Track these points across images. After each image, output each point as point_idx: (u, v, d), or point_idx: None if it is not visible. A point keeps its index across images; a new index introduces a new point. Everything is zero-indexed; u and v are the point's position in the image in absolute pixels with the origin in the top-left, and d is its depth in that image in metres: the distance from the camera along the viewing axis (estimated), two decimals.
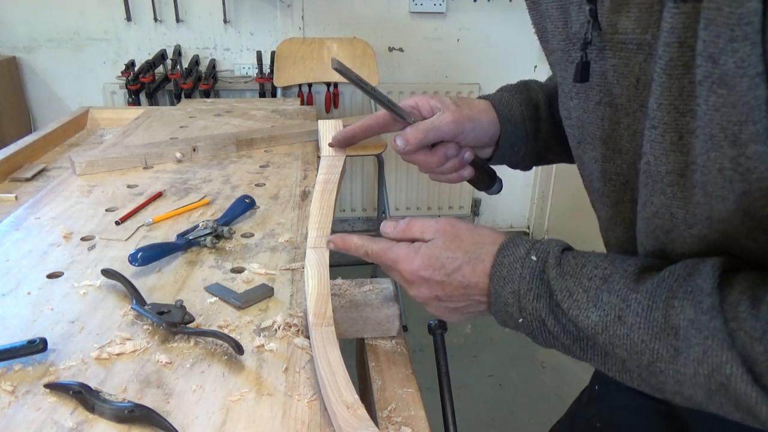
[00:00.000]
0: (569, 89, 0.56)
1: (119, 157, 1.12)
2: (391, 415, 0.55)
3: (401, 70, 2.66)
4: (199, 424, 0.51)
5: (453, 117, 0.66)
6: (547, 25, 0.58)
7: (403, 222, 0.59)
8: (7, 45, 2.46)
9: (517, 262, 0.50)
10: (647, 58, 0.44)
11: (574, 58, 0.53)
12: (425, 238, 0.56)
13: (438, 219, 0.57)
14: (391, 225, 0.60)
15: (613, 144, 0.52)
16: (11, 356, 0.58)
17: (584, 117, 0.54)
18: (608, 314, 0.44)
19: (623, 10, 0.45)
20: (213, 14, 2.49)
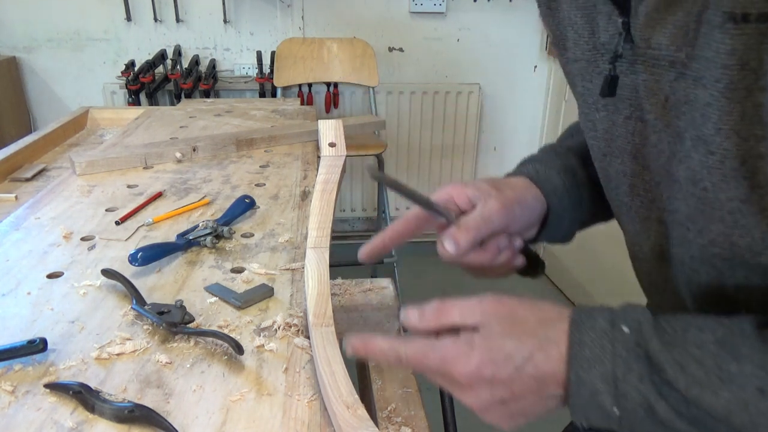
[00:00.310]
0: (594, 101, 0.54)
1: (119, 157, 1.12)
2: (391, 415, 0.55)
3: (401, 70, 2.66)
4: (199, 424, 0.51)
5: (500, 204, 0.56)
6: (568, 33, 0.56)
7: (431, 308, 0.47)
8: (7, 45, 2.46)
9: (604, 337, 0.41)
10: (678, 77, 0.43)
11: (601, 69, 0.51)
12: (469, 323, 0.45)
13: (480, 297, 0.46)
14: (416, 314, 0.47)
15: (643, 159, 0.50)
16: (11, 356, 0.58)
17: (613, 130, 0.53)
18: (744, 388, 0.36)
19: (658, 26, 0.43)
20: (213, 14, 2.49)
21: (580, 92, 0.57)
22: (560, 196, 0.62)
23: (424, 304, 0.47)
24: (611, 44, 0.49)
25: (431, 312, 0.46)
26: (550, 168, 0.63)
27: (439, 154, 2.78)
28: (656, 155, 0.48)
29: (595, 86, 0.53)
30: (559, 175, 0.62)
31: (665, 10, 0.42)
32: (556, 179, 0.62)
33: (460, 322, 0.45)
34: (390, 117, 2.66)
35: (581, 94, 0.57)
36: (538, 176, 0.62)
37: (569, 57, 0.57)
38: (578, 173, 0.65)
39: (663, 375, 0.39)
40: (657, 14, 0.43)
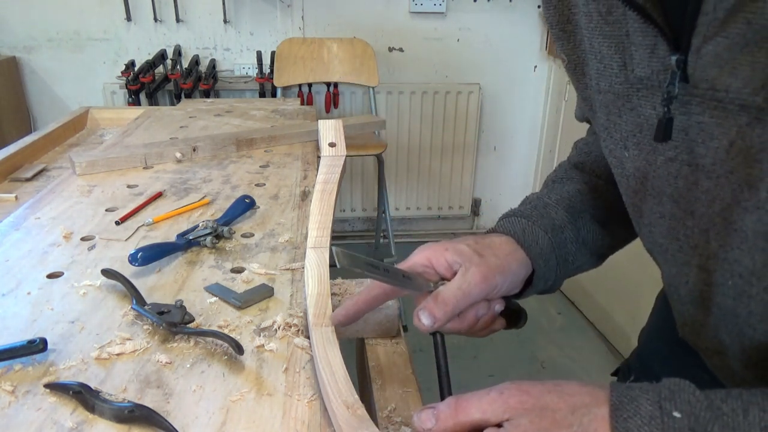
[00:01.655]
0: (624, 136, 0.50)
1: (119, 157, 1.12)
2: (391, 415, 0.55)
3: (401, 70, 2.66)
4: (199, 424, 0.51)
5: (481, 275, 0.53)
6: (590, 61, 0.52)
7: (446, 406, 0.42)
8: (7, 45, 2.46)
9: (652, 423, 0.37)
10: (752, 122, 0.39)
11: (635, 105, 0.48)
12: (492, 420, 0.41)
13: (500, 388, 0.42)
14: (430, 416, 0.43)
15: (687, 205, 0.47)
16: (11, 356, 0.58)
17: (648, 170, 0.49)
18: None
19: (727, 66, 0.40)
20: (213, 14, 2.49)
21: (603, 125, 0.53)
22: (546, 257, 0.60)
23: (438, 405, 0.43)
24: (654, 80, 0.45)
25: (447, 412, 0.42)
26: (537, 226, 0.61)
27: (439, 153, 2.78)
28: (708, 202, 0.45)
29: (625, 122, 0.50)
30: (546, 234, 0.60)
31: (741, 51, 0.39)
32: (543, 240, 0.60)
33: (481, 420, 0.41)
34: (390, 117, 2.66)
35: (605, 127, 0.53)
36: (525, 237, 0.59)
37: (588, 84, 0.54)
38: (566, 229, 0.62)
39: None
40: (729, 54, 0.39)
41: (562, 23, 0.56)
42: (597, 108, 0.54)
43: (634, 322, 2.00)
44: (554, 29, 0.57)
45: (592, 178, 0.68)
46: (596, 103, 0.54)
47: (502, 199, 2.97)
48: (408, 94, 2.65)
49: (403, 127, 2.71)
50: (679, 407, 0.37)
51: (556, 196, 0.65)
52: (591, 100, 0.56)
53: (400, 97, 2.65)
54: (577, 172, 0.69)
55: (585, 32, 0.52)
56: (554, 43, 0.59)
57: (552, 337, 2.26)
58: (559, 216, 0.62)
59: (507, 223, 0.61)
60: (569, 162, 0.72)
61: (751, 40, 0.38)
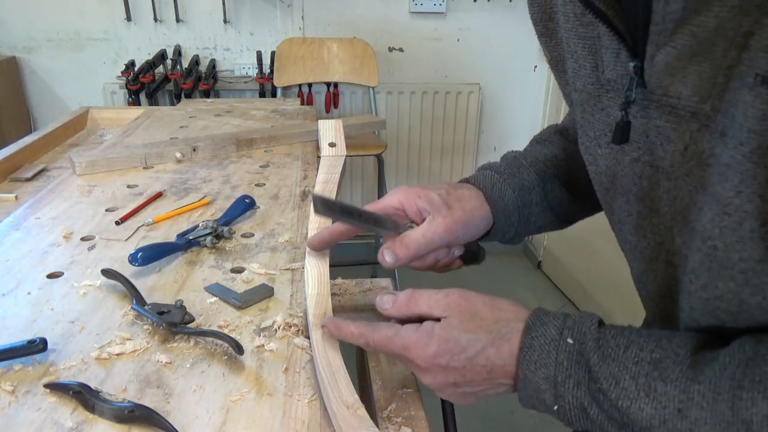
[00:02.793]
0: (596, 135, 0.52)
1: (119, 157, 1.12)
2: (391, 415, 0.55)
3: (401, 70, 2.66)
4: (199, 424, 0.51)
5: (445, 226, 0.59)
6: (567, 59, 0.54)
7: (403, 295, 0.52)
8: (7, 45, 2.46)
9: (550, 344, 0.46)
10: (702, 128, 0.41)
11: (605, 105, 0.50)
12: (434, 314, 0.50)
13: (447, 291, 0.51)
14: (389, 299, 0.53)
15: (651, 203, 0.49)
16: (11, 356, 0.58)
17: (617, 168, 0.51)
18: (666, 407, 0.40)
19: (678, 74, 0.41)
20: (213, 14, 2.49)
21: (579, 122, 0.55)
22: (509, 213, 0.65)
23: (398, 292, 0.52)
24: (619, 84, 0.47)
25: (403, 300, 0.52)
26: (506, 183, 0.65)
27: (439, 153, 2.78)
28: (669, 201, 0.47)
29: (597, 120, 0.51)
30: (513, 193, 0.65)
31: (689, 60, 0.40)
32: (509, 197, 0.65)
33: (426, 313, 0.50)
34: (390, 117, 2.66)
35: (581, 125, 0.55)
36: (492, 192, 0.64)
37: (570, 85, 0.55)
38: (533, 191, 0.67)
39: (598, 384, 0.43)
40: (678, 63, 0.41)
41: (545, 20, 0.58)
42: (575, 105, 0.56)
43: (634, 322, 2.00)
44: (538, 26, 0.59)
45: (570, 145, 0.70)
46: (574, 100, 0.55)
47: None
48: (408, 94, 2.65)
49: (403, 127, 2.71)
50: (574, 335, 0.46)
51: (531, 158, 0.69)
52: (570, 96, 0.57)
53: (400, 97, 2.65)
54: (559, 136, 0.72)
55: (563, 32, 0.54)
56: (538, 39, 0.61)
57: None
58: (530, 177, 0.67)
59: (481, 176, 0.67)
60: (554, 126, 0.75)
61: (697, 50, 0.39)
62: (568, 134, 0.72)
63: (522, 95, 2.76)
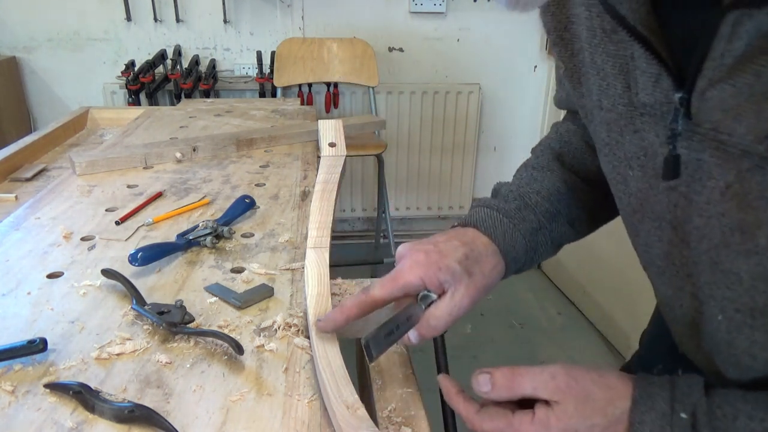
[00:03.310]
0: (628, 156, 0.50)
1: (119, 157, 1.12)
2: (391, 415, 0.55)
3: (401, 70, 2.66)
4: (199, 424, 0.51)
5: (470, 297, 0.57)
6: (589, 74, 0.52)
7: (502, 377, 0.48)
8: (7, 45, 2.46)
9: (663, 419, 0.44)
10: (753, 168, 0.39)
11: (638, 128, 0.48)
12: (541, 396, 0.46)
13: (551, 371, 0.47)
14: (487, 382, 0.48)
15: (683, 234, 0.47)
16: (11, 356, 0.58)
17: (649, 193, 0.49)
18: None
19: (732, 112, 0.39)
20: (213, 14, 2.49)
21: (604, 140, 0.53)
22: (518, 259, 0.64)
23: (494, 371, 0.48)
24: (657, 110, 0.45)
25: (503, 382, 0.48)
26: (517, 230, 0.63)
27: (439, 153, 2.78)
28: (698, 237, 0.46)
29: (629, 142, 0.49)
30: (524, 240, 0.64)
31: (746, 99, 0.39)
32: (520, 245, 0.63)
33: (531, 395, 0.47)
34: (390, 117, 2.66)
35: (606, 143, 0.53)
36: (505, 243, 0.62)
37: (585, 95, 0.53)
38: (541, 233, 0.66)
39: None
40: (734, 100, 0.39)
41: (560, 30, 0.55)
42: (596, 122, 0.54)
43: (634, 322, 2.00)
44: (551, 35, 0.56)
45: (570, 175, 0.69)
46: (595, 117, 0.53)
47: None
48: (408, 94, 2.65)
49: (403, 127, 2.71)
50: (686, 409, 0.43)
51: (536, 197, 0.67)
52: (587, 110, 0.55)
53: (400, 97, 2.65)
54: (558, 164, 0.71)
55: (586, 45, 0.51)
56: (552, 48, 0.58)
57: (552, 337, 2.26)
58: (537, 220, 0.66)
59: (489, 219, 0.64)
60: (551, 150, 0.73)
61: (757, 90, 0.38)
62: (564, 161, 0.70)
63: (522, 95, 2.76)
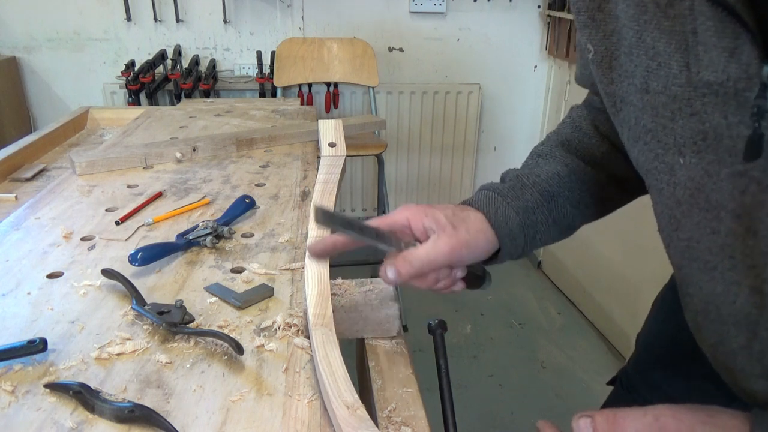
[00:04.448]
0: (679, 142, 0.47)
1: (119, 157, 1.12)
2: (391, 415, 0.55)
3: (401, 70, 2.66)
4: (199, 424, 0.51)
5: (449, 246, 0.58)
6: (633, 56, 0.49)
7: (604, 422, 0.46)
8: (7, 45, 2.46)
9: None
10: None
11: (697, 110, 0.45)
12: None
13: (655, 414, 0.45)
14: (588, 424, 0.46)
15: (750, 223, 0.44)
16: (11, 356, 0.58)
17: (706, 182, 0.46)
18: None
19: None
20: (213, 14, 2.49)
21: (647, 128, 0.50)
22: (514, 236, 0.64)
23: (595, 414, 0.46)
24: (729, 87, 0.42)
25: (605, 426, 0.46)
26: (510, 207, 0.64)
27: (439, 153, 2.78)
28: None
29: (681, 127, 0.46)
30: (517, 216, 0.64)
31: None
32: (513, 221, 0.64)
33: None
34: (390, 117, 2.66)
35: (649, 130, 0.50)
36: (497, 218, 0.63)
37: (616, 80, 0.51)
38: (538, 212, 0.66)
39: None
40: None
41: (592, 10, 0.52)
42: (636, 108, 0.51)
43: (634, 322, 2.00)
44: (581, 15, 0.53)
45: (574, 160, 0.69)
46: (634, 103, 0.51)
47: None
48: (408, 94, 2.65)
49: (403, 127, 2.71)
50: None
51: (533, 178, 0.67)
52: (618, 97, 0.53)
53: (400, 97, 2.65)
54: (561, 150, 0.71)
55: (631, 24, 0.48)
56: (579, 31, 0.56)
57: (552, 337, 2.26)
58: (533, 198, 0.66)
59: (484, 198, 0.66)
60: (558, 135, 0.73)
61: None
62: (570, 147, 0.70)
63: (522, 95, 2.76)
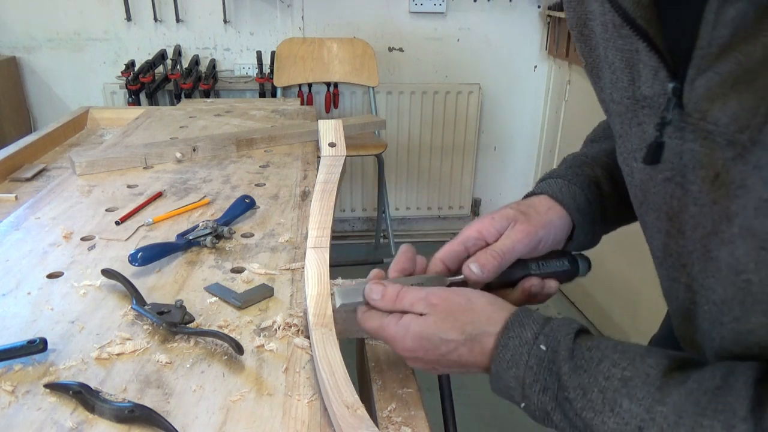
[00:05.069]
0: (633, 149, 0.52)
1: (119, 157, 1.12)
2: (391, 415, 0.55)
3: (401, 70, 2.66)
4: (199, 424, 0.51)
5: (525, 231, 0.60)
6: (604, 69, 0.53)
7: (392, 290, 0.55)
8: (7, 45, 2.46)
9: (524, 347, 0.48)
10: (736, 157, 0.40)
11: (641, 121, 0.49)
12: (415, 310, 0.53)
13: (429, 291, 0.54)
14: (378, 291, 0.55)
15: (679, 224, 0.48)
16: (11, 356, 0.58)
17: (649, 185, 0.51)
18: (628, 423, 0.42)
19: (718, 101, 0.40)
20: (213, 14, 2.49)
21: (617, 132, 0.55)
22: (584, 212, 0.64)
23: (388, 284, 0.55)
24: (655, 102, 0.47)
25: (391, 296, 0.55)
26: (573, 184, 0.65)
27: (439, 153, 2.78)
28: (693, 226, 0.46)
29: (633, 135, 0.51)
30: (582, 191, 0.65)
31: (731, 88, 0.39)
32: (580, 196, 0.64)
33: (408, 309, 0.54)
34: (390, 117, 2.66)
35: (619, 135, 0.54)
36: (562, 194, 0.64)
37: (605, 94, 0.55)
38: (603, 184, 0.66)
39: (566, 393, 0.46)
40: (720, 89, 0.40)
41: (580, 26, 0.57)
42: (612, 114, 0.55)
43: (634, 322, 2.00)
44: (573, 31, 0.58)
45: None
46: (611, 110, 0.55)
47: (502, 199, 2.97)
48: (408, 94, 2.65)
49: (403, 127, 2.71)
50: (548, 343, 0.48)
51: (593, 154, 0.69)
52: (606, 103, 0.57)
53: (400, 97, 2.65)
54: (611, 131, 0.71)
55: (600, 41, 0.53)
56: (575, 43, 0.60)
57: None
58: (595, 172, 0.67)
59: (545, 185, 0.66)
60: (605, 121, 0.73)
61: (741, 79, 0.39)
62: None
63: (522, 95, 2.76)
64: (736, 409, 0.38)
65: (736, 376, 0.40)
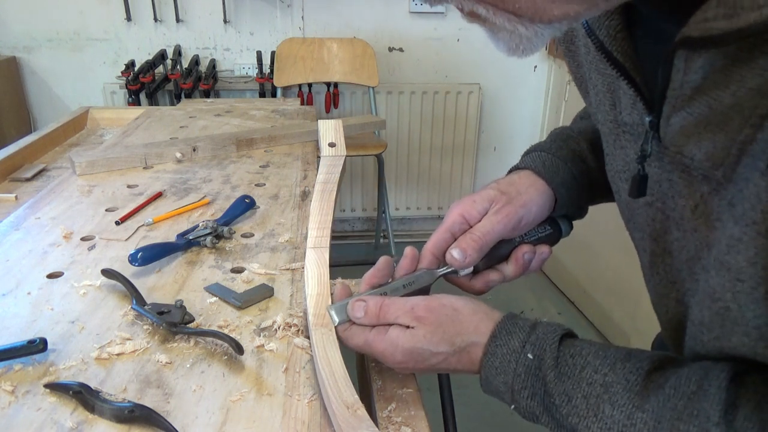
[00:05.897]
0: (618, 169, 0.53)
1: (119, 157, 1.12)
2: (391, 415, 0.55)
3: (401, 70, 2.66)
4: (199, 424, 0.51)
5: (504, 212, 0.61)
6: (589, 88, 0.54)
7: (373, 305, 0.55)
8: (7, 45, 2.46)
9: (511, 355, 0.50)
10: (712, 192, 0.41)
11: (623, 144, 0.51)
12: (402, 324, 0.54)
13: (413, 303, 0.54)
14: (361, 309, 0.55)
15: (663, 245, 0.49)
16: (11, 356, 0.58)
17: (633, 206, 0.52)
18: (610, 429, 0.44)
19: (693, 138, 0.41)
20: (213, 14, 2.49)
21: (605, 149, 0.56)
22: (568, 185, 0.65)
23: (368, 299, 0.56)
24: (635, 130, 0.48)
25: (374, 311, 0.55)
26: (557, 158, 0.65)
27: (439, 153, 2.78)
28: (678, 249, 0.47)
29: (617, 155, 0.52)
30: (566, 165, 0.65)
31: (704, 127, 0.40)
32: (563, 170, 0.65)
33: (394, 321, 0.54)
34: (390, 117, 2.66)
35: (607, 153, 0.55)
36: (545, 168, 0.64)
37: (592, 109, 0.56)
38: (587, 158, 0.67)
39: (552, 399, 0.48)
40: (694, 128, 0.41)
41: (567, 42, 0.57)
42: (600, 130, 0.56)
43: (634, 322, 2.00)
44: (561, 45, 0.58)
45: None
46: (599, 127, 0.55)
47: None
48: (408, 94, 2.65)
49: (403, 127, 2.71)
50: (535, 351, 0.49)
51: (578, 128, 0.69)
52: (595, 117, 0.57)
53: (400, 97, 2.65)
54: None
55: (583, 62, 0.54)
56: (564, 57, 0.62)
57: None
58: (581, 146, 0.67)
59: (528, 159, 0.67)
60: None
61: (712, 120, 0.39)
62: None
63: (522, 95, 2.76)
64: (710, 414, 0.40)
65: (710, 380, 0.42)
